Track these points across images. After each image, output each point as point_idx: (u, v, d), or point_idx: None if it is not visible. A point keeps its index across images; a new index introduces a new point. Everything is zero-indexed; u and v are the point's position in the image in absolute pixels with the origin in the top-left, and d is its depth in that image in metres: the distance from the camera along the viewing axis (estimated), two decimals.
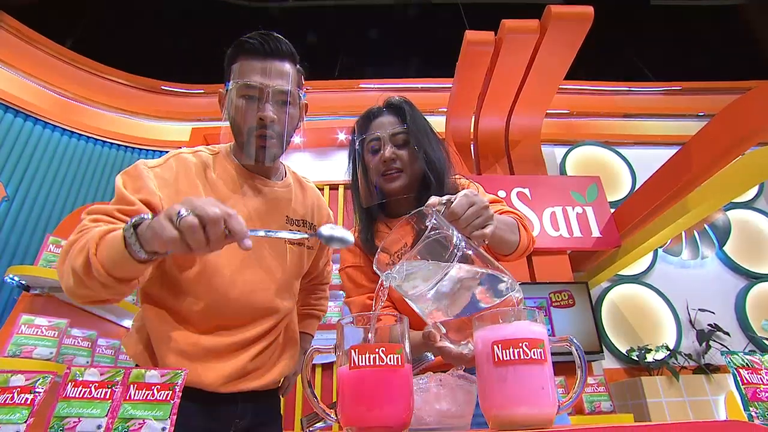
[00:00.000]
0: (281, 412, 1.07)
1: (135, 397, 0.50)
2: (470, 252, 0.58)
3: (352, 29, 4.82)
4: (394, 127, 1.02)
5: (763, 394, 0.49)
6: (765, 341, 2.89)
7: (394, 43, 4.72)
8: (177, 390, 0.51)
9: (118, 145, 3.48)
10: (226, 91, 0.94)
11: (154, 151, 3.61)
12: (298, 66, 0.97)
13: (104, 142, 3.42)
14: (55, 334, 1.85)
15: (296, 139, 1.11)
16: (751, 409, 0.48)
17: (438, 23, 4.64)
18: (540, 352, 0.47)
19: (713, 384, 2.56)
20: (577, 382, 0.48)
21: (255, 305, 0.92)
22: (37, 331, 1.82)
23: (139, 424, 0.48)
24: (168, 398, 0.51)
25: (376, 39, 4.74)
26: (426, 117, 1.07)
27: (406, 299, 0.59)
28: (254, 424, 0.92)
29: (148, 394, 0.51)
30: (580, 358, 0.49)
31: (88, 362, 1.97)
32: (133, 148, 3.54)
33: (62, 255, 0.75)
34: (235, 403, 0.89)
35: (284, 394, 1.10)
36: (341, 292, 1.66)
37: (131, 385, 0.51)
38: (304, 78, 1.01)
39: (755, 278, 3.16)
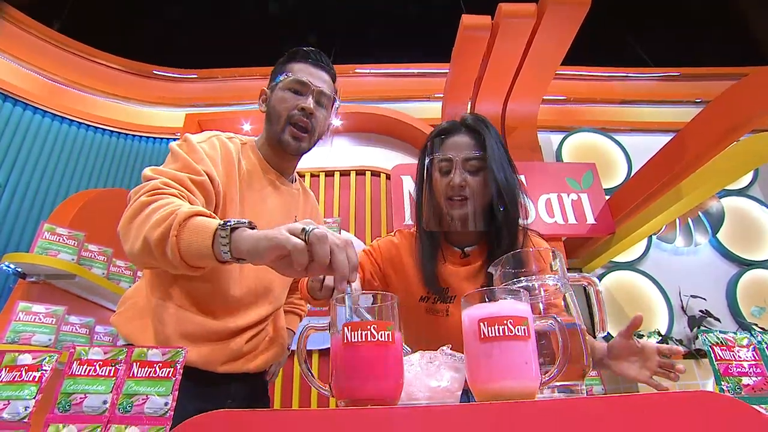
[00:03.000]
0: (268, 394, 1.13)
1: (138, 375, 0.53)
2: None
3: (347, 13, 4.77)
4: (469, 150, 0.98)
5: (735, 369, 0.52)
6: (754, 327, 2.97)
7: (389, 28, 4.68)
8: (178, 367, 0.54)
9: (111, 131, 3.46)
10: (271, 88, 1.04)
11: (148, 137, 3.59)
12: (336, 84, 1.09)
13: (96, 128, 3.40)
14: (53, 321, 1.88)
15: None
16: (722, 383, 0.52)
17: (434, 7, 4.60)
18: (524, 329, 0.50)
19: (702, 368, 2.63)
20: (559, 358, 0.51)
21: (261, 293, 0.97)
22: (35, 318, 1.84)
23: (143, 399, 0.51)
24: (170, 375, 0.53)
25: (372, 24, 4.70)
26: (504, 145, 1.02)
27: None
28: (244, 405, 0.96)
29: (150, 371, 0.53)
30: (563, 336, 0.52)
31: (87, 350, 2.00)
32: (126, 134, 3.52)
33: (131, 213, 0.74)
34: (228, 384, 0.93)
35: (271, 380, 1.14)
36: None
37: (134, 363, 0.54)
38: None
39: (747, 265, 3.22)
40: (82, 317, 2.03)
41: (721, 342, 0.54)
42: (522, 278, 0.70)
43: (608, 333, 0.81)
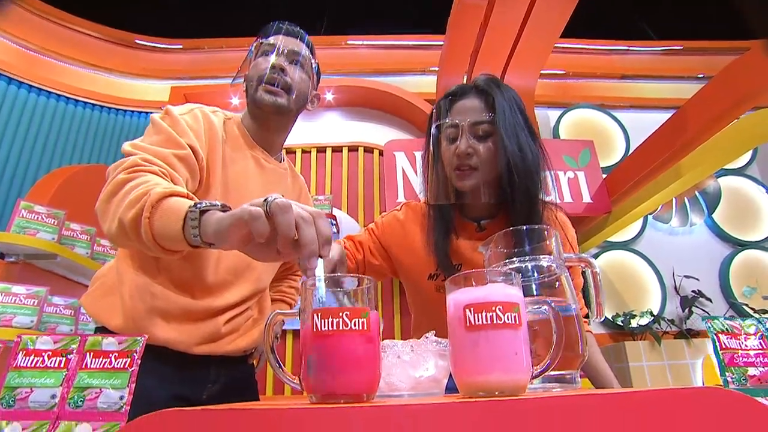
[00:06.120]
0: (255, 378, 1.09)
1: (91, 366, 0.49)
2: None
3: None
4: (477, 114, 0.90)
5: (741, 359, 0.49)
6: (744, 307, 2.99)
7: None
8: (135, 357, 0.50)
9: (92, 104, 3.32)
10: (248, 63, 1.03)
11: (132, 111, 3.47)
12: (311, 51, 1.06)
13: (77, 100, 3.27)
14: (34, 302, 1.83)
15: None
16: (727, 374, 0.48)
17: None
18: (514, 317, 0.45)
19: (692, 348, 2.65)
20: (553, 348, 0.47)
21: (242, 272, 0.93)
22: (15, 300, 1.79)
23: (96, 393, 0.47)
24: (126, 366, 0.49)
25: None
26: (522, 109, 0.92)
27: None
28: (227, 389, 0.94)
29: (105, 362, 0.49)
30: (557, 324, 0.48)
31: (72, 330, 1.96)
32: (109, 108, 3.39)
33: (109, 192, 0.70)
34: (208, 368, 0.90)
35: (258, 367, 1.10)
36: None
37: (87, 353, 0.49)
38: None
39: (741, 245, 3.23)
40: (66, 298, 1.98)
41: (726, 329, 0.50)
42: (515, 259, 0.66)
43: (605, 317, 0.77)
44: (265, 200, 0.51)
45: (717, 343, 0.50)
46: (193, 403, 0.87)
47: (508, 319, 0.45)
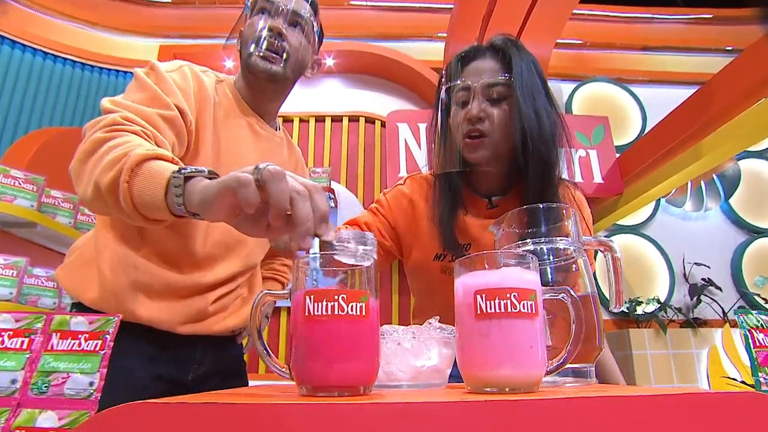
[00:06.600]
0: (245, 359, 1.07)
1: (58, 348, 0.45)
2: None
3: None
4: (490, 75, 0.84)
5: None
6: (756, 297, 2.99)
7: None
8: (108, 339, 0.46)
9: (73, 61, 3.20)
10: (243, 20, 0.98)
11: (117, 71, 3.36)
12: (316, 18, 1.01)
13: (55, 56, 3.14)
14: (13, 273, 1.81)
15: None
16: (760, 374, 0.45)
17: None
18: (531, 305, 0.42)
19: (699, 338, 2.67)
20: (571, 340, 0.44)
21: (232, 246, 0.91)
22: None
23: (63, 378, 0.44)
24: (97, 349, 0.46)
25: None
26: (542, 75, 0.86)
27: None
28: (214, 370, 0.92)
29: (73, 343, 0.46)
30: (576, 314, 0.45)
31: (55, 303, 1.95)
32: (91, 65, 3.28)
33: (84, 152, 0.66)
34: (194, 348, 0.88)
35: (246, 349, 1.08)
36: None
37: (54, 334, 0.46)
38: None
39: (757, 233, 3.20)
40: (48, 269, 1.95)
41: (762, 326, 0.47)
42: (528, 240, 0.62)
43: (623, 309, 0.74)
44: (256, 167, 0.47)
45: (750, 340, 0.47)
46: (178, 385, 0.86)
47: (523, 308, 0.42)
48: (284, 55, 0.92)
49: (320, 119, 3.27)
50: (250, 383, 1.03)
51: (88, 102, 3.21)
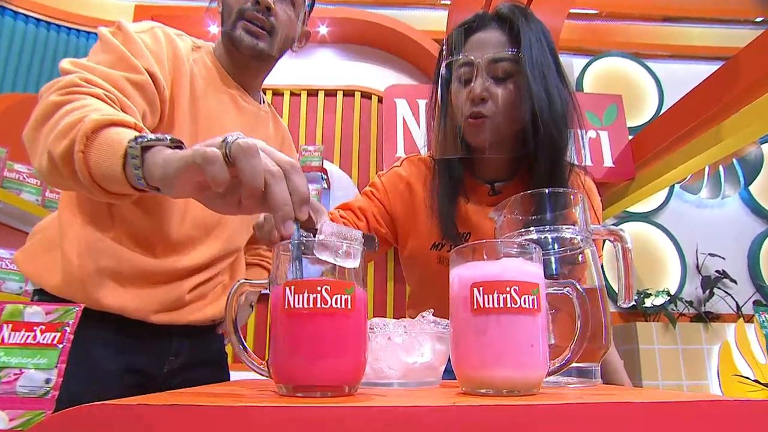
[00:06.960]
0: (225, 350, 1.06)
1: (10, 341, 0.44)
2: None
3: None
4: (496, 49, 0.82)
5: None
6: None
7: None
8: (68, 332, 0.45)
9: (37, 19, 3.10)
10: None
11: (88, 32, 3.28)
12: None
13: (15, 12, 3.03)
14: None
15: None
16: None
17: None
18: (533, 300, 0.41)
19: (710, 333, 2.70)
20: (575, 338, 0.43)
21: (211, 227, 0.89)
22: None
23: (15, 374, 0.42)
24: (55, 342, 0.44)
25: None
26: (553, 48, 0.83)
27: None
28: (192, 362, 0.91)
29: (28, 336, 0.44)
30: (582, 310, 0.44)
31: (21, 288, 1.93)
32: (58, 25, 3.18)
33: (38, 117, 0.63)
34: (170, 338, 0.87)
35: (227, 341, 1.07)
36: None
37: (5, 325, 0.45)
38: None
39: None
40: (13, 251, 1.92)
41: None
42: (532, 228, 0.61)
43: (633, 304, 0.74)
44: (224, 140, 0.45)
45: None
46: (150, 378, 0.85)
47: (524, 303, 0.41)
48: (271, 31, 0.90)
49: (312, 93, 3.22)
50: (234, 375, 1.02)
51: (54, 66, 3.13)
